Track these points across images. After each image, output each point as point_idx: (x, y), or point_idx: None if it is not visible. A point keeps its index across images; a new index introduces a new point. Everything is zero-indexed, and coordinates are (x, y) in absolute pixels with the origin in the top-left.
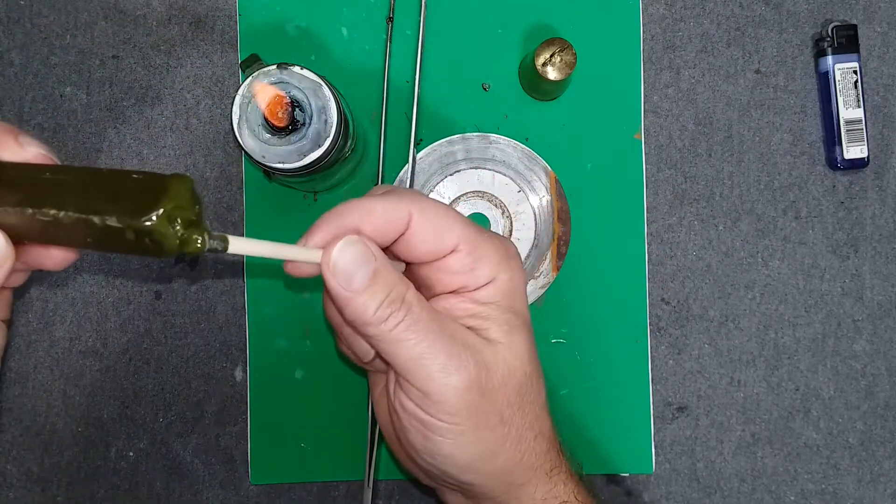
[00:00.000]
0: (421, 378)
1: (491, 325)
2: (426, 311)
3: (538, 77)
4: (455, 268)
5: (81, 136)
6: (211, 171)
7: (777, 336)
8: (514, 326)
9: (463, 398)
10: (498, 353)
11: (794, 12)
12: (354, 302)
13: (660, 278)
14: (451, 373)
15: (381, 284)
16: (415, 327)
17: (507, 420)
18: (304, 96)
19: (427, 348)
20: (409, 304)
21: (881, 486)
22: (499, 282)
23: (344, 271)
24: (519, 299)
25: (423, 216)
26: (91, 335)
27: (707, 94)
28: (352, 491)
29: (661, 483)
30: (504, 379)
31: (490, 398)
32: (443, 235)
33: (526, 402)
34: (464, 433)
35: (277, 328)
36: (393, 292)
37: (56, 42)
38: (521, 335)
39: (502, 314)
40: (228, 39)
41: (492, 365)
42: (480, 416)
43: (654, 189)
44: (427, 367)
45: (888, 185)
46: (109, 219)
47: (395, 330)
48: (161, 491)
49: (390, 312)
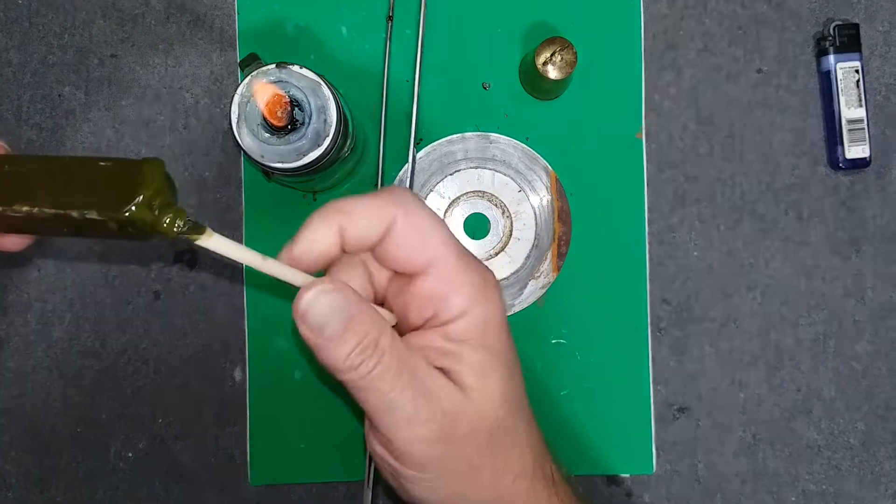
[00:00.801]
0: (389, 427)
1: (462, 367)
2: (398, 358)
3: (538, 76)
4: (429, 293)
5: (80, 136)
6: (210, 171)
7: (778, 337)
8: (488, 369)
9: (429, 448)
10: (468, 400)
11: (795, 11)
12: (325, 350)
13: (661, 279)
14: (417, 424)
15: (354, 332)
16: (385, 375)
17: (478, 466)
18: (303, 95)
19: (395, 398)
20: (381, 350)
21: (882, 486)
22: (472, 316)
23: (315, 321)
24: (495, 335)
25: (408, 220)
26: (90, 335)
27: (708, 93)
28: (352, 491)
29: (662, 484)
30: (473, 427)
31: (458, 447)
32: (423, 244)
33: (499, 447)
34: (431, 481)
35: (277, 328)
36: (366, 339)
37: (54, 41)
38: (495, 378)
39: (475, 353)
40: (227, 38)
41: (461, 413)
42: (448, 464)
43: (655, 189)
44: (395, 417)
45: (890, 184)
46: (89, 212)
47: (366, 378)
48: (160, 491)
49: (361, 360)
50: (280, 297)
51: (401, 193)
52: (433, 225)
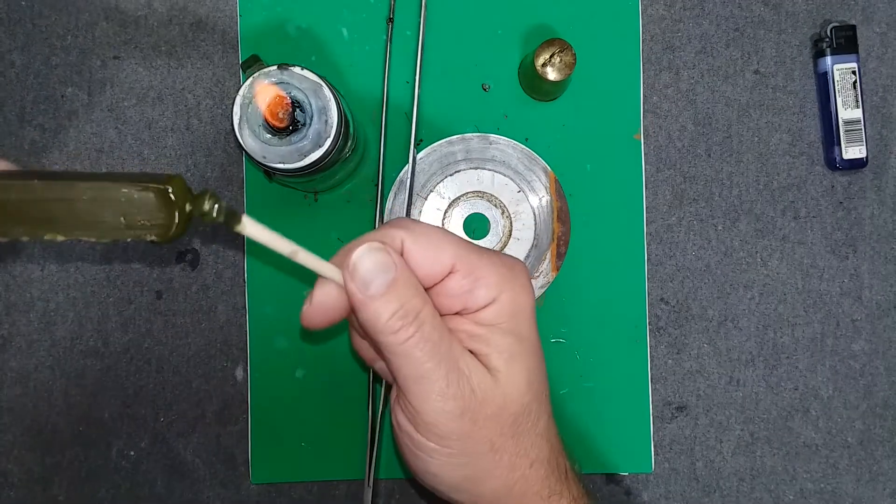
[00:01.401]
0: (418, 397)
1: (491, 351)
2: (437, 330)
3: (538, 77)
4: (454, 290)
5: (83, 137)
6: (212, 172)
7: (776, 336)
8: (515, 354)
9: (455, 424)
10: (496, 383)
11: (792, 13)
12: (368, 307)
13: (659, 278)
14: (447, 398)
15: (397, 295)
16: (422, 345)
17: (499, 448)
18: (304, 97)
19: (430, 370)
20: (421, 320)
21: (880, 485)
22: (500, 303)
23: (363, 275)
24: (524, 322)
25: (414, 240)
26: (92, 335)
27: (706, 94)
28: (352, 490)
29: (661, 482)
30: (499, 409)
31: (482, 427)
32: (437, 257)
33: (521, 431)
34: (452, 456)
35: (278, 328)
36: (408, 305)
37: (57, 43)
38: (522, 363)
39: (504, 339)
40: (229, 40)
41: (488, 394)
42: (470, 442)
43: (653, 189)
44: (426, 388)
45: (887, 185)
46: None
47: (405, 344)
48: (162, 490)
49: (401, 325)
50: (281, 297)
51: (398, 220)
52: (440, 233)
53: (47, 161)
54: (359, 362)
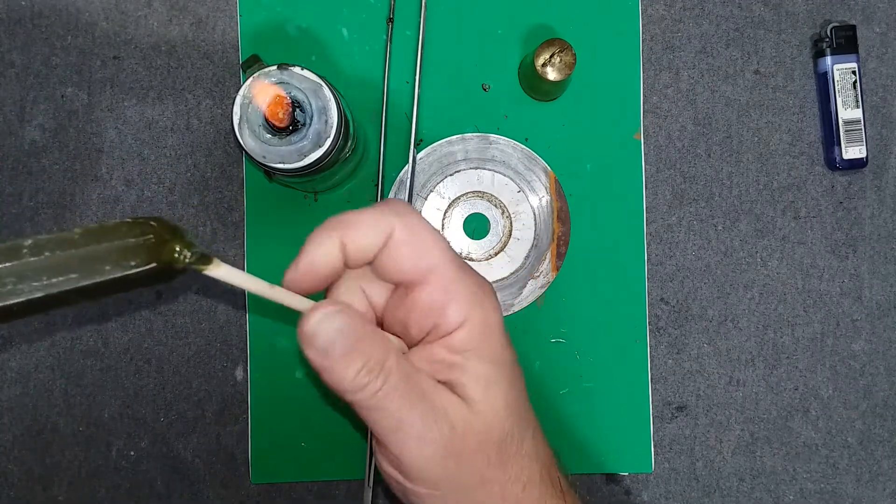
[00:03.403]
0: (397, 447)
1: (468, 380)
2: (405, 376)
3: (538, 77)
4: (426, 304)
5: (83, 137)
6: (212, 172)
7: (776, 336)
8: (492, 380)
9: (439, 467)
10: (475, 414)
11: (792, 13)
12: (333, 372)
13: (659, 278)
14: (426, 443)
15: (360, 353)
16: (392, 395)
17: (489, 479)
18: (304, 97)
19: (403, 417)
20: (388, 371)
21: (880, 485)
22: (471, 323)
23: (322, 343)
24: (496, 342)
25: (406, 230)
26: (92, 335)
27: (706, 94)
28: (352, 491)
29: (661, 482)
30: (482, 440)
31: (468, 462)
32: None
33: (508, 457)
34: (442, 498)
35: (278, 328)
36: (372, 360)
37: (57, 42)
38: (499, 388)
39: (479, 365)
40: (229, 40)
41: (468, 427)
42: (459, 480)
43: (653, 189)
44: (403, 436)
45: (887, 185)
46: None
47: (374, 398)
48: (162, 490)
49: (368, 381)
50: None
51: (398, 204)
52: (430, 234)
53: (47, 161)
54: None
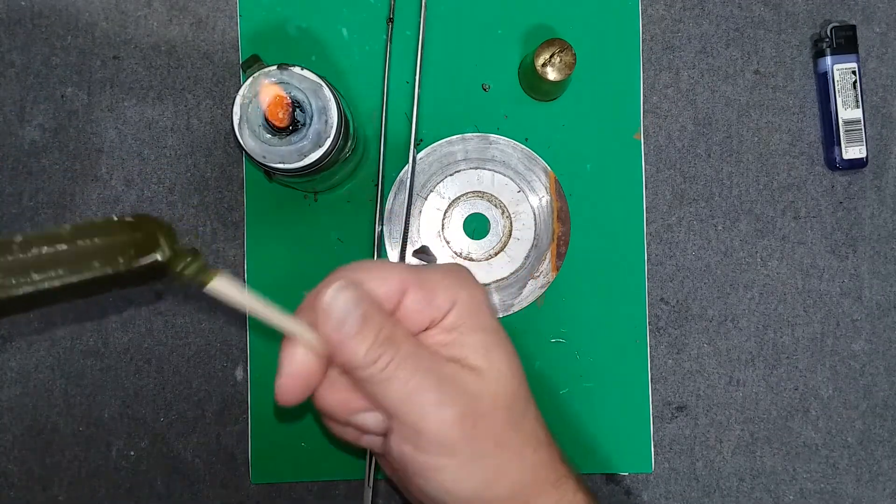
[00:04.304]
0: (415, 415)
1: (468, 351)
2: (414, 347)
3: (538, 77)
4: (413, 307)
5: (83, 137)
6: (212, 172)
7: (776, 336)
8: (490, 346)
9: (458, 430)
10: (482, 379)
11: (792, 13)
12: (346, 346)
13: (659, 278)
14: (443, 406)
15: (371, 327)
16: (404, 364)
17: (503, 442)
18: (304, 97)
19: (417, 385)
20: (397, 342)
21: (880, 485)
22: (460, 303)
23: (337, 316)
24: (484, 315)
25: (363, 276)
26: (92, 335)
27: (706, 94)
28: (352, 491)
29: (661, 482)
30: (493, 403)
31: (483, 425)
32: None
33: (518, 419)
34: (463, 466)
35: None
36: (382, 333)
37: (57, 42)
38: (499, 353)
39: (474, 336)
40: (229, 40)
41: (479, 392)
42: (476, 444)
43: (653, 189)
44: (419, 404)
45: (887, 185)
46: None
47: (386, 369)
48: (162, 490)
49: (380, 353)
50: (281, 297)
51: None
52: (383, 265)
53: (47, 161)
54: (346, 449)
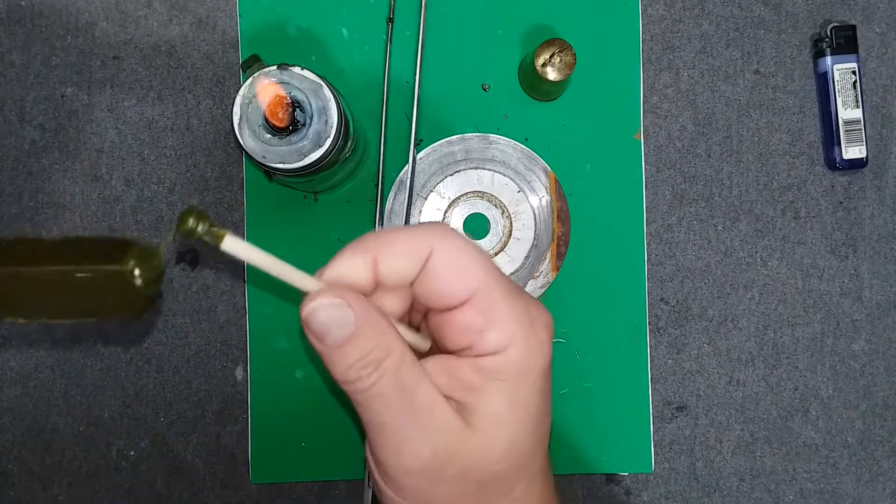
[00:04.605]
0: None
1: (479, 408)
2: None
3: (538, 77)
4: (462, 325)
5: (83, 137)
6: (212, 172)
7: (776, 336)
8: (503, 421)
9: (408, 479)
10: (466, 444)
11: (792, 13)
12: (325, 357)
13: (659, 278)
14: (401, 455)
15: (356, 347)
16: (379, 399)
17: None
18: (304, 97)
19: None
20: (382, 371)
21: (880, 485)
22: (507, 357)
23: (317, 328)
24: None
25: (444, 253)
26: (92, 335)
27: (706, 94)
28: (352, 490)
29: (661, 482)
30: (464, 471)
31: (442, 486)
32: (459, 279)
33: (488, 498)
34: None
35: (278, 328)
36: (369, 356)
37: (57, 42)
38: (507, 431)
39: (496, 400)
40: (229, 40)
41: (454, 455)
42: (427, 498)
43: (653, 189)
44: (383, 440)
45: (887, 185)
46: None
47: (363, 394)
48: (162, 490)
49: (358, 377)
50: (281, 298)
51: (437, 226)
52: (472, 256)
53: (47, 161)
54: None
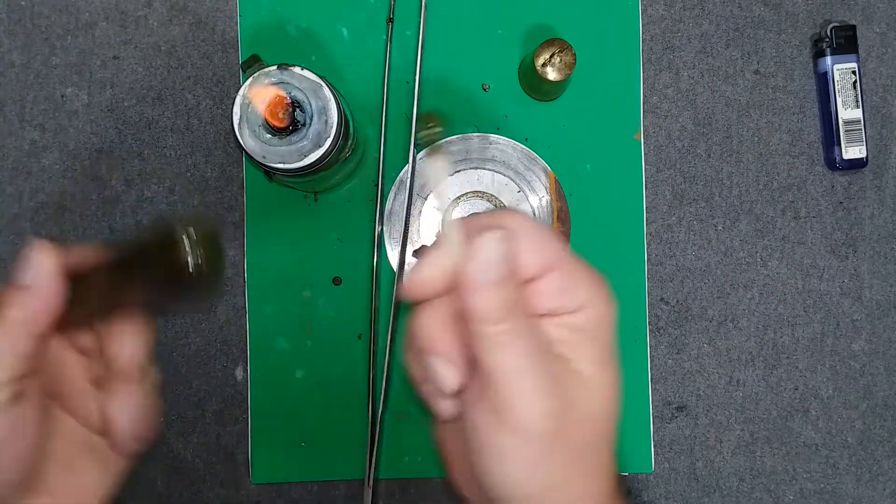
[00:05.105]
0: (509, 391)
1: (581, 357)
2: (534, 328)
3: (538, 77)
4: (549, 288)
5: (83, 137)
6: (212, 172)
7: (776, 336)
8: (605, 362)
9: (542, 423)
10: (584, 389)
11: (792, 13)
12: (480, 294)
13: (659, 278)
14: (539, 396)
15: (507, 287)
16: (521, 340)
17: (582, 457)
18: (304, 97)
19: (526, 364)
20: (521, 316)
21: (880, 485)
22: (591, 309)
23: (484, 260)
24: (608, 331)
25: (525, 233)
26: None
27: (706, 94)
28: (352, 490)
29: (661, 482)
30: (586, 415)
31: (571, 431)
32: (543, 252)
33: (600, 444)
34: (537, 460)
35: (278, 328)
36: (511, 298)
37: (57, 43)
38: (612, 372)
39: (594, 345)
40: (229, 40)
41: (575, 400)
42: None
43: (653, 189)
44: (519, 383)
45: (887, 185)
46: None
47: (504, 335)
48: (162, 490)
49: (503, 316)
50: (281, 298)
51: (509, 212)
52: (549, 232)
53: (47, 161)
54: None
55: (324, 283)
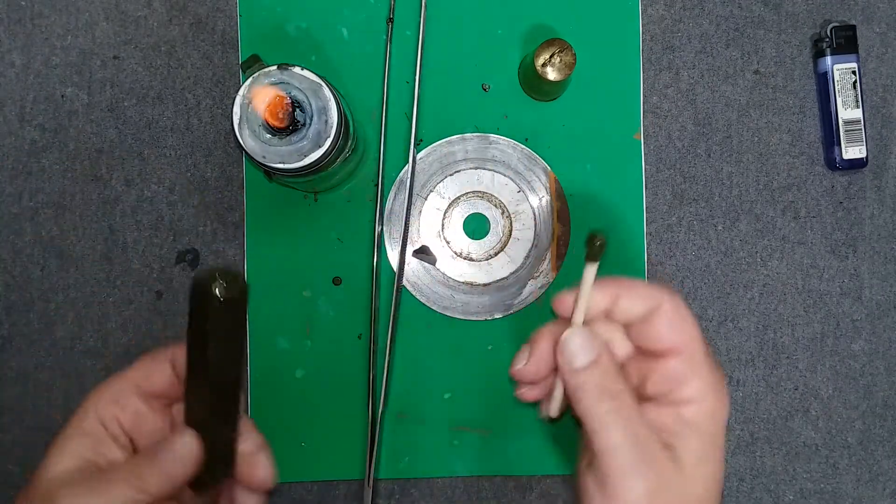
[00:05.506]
0: (608, 467)
1: (684, 448)
2: (633, 412)
3: (538, 77)
4: (669, 373)
5: (83, 137)
6: (211, 172)
7: (776, 336)
8: (706, 457)
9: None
10: (681, 478)
11: (792, 13)
12: (573, 378)
13: (659, 278)
14: (635, 476)
15: (600, 371)
16: (619, 421)
17: None
18: (304, 97)
19: (623, 442)
20: (621, 399)
21: (880, 485)
22: (705, 405)
23: (571, 351)
24: (719, 429)
25: (672, 306)
26: (92, 335)
27: (706, 94)
28: (352, 490)
29: None
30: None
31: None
32: (679, 329)
33: None
34: None
35: (277, 328)
36: (608, 382)
37: (57, 42)
38: (710, 468)
39: (698, 439)
40: (229, 40)
41: (673, 486)
42: None
43: (653, 189)
44: (618, 461)
45: (887, 185)
46: None
47: (602, 415)
48: None
49: (600, 398)
50: (281, 297)
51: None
52: (691, 316)
53: (47, 161)
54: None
55: (324, 282)
